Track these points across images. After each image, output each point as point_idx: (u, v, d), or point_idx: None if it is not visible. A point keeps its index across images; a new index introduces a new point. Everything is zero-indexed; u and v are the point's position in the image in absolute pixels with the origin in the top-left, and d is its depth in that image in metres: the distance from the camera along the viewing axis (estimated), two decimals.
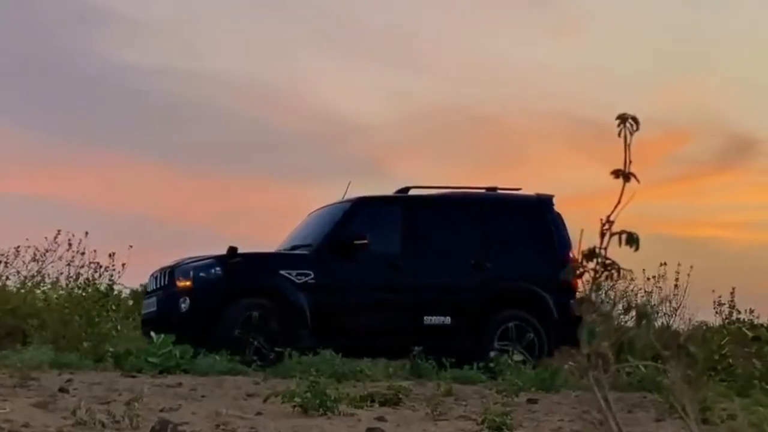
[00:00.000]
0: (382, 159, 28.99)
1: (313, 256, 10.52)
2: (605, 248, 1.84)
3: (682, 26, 25.20)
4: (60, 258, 12.97)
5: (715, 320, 13.78)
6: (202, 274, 10.31)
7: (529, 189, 11.51)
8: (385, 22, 25.34)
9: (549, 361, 9.06)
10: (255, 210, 27.72)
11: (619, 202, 1.85)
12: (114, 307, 11.97)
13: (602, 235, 1.82)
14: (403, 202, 11.03)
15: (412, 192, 11.22)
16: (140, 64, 25.39)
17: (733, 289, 13.92)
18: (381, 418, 6.14)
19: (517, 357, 9.26)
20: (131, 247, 12.88)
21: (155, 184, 26.45)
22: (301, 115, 27.11)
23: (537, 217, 11.13)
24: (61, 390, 6.93)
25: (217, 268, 10.33)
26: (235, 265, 10.34)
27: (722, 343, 10.08)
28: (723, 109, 26.52)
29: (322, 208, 11.56)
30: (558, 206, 11.21)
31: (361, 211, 10.91)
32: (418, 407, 6.90)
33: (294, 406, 6.23)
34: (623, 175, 1.86)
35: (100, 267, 12.54)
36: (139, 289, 16.46)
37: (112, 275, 12.43)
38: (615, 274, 1.84)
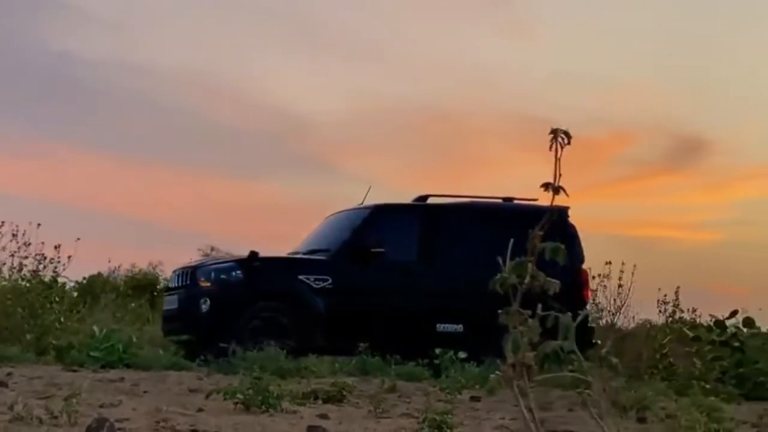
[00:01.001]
0: (333, 156, 28.95)
1: (331, 261, 10.72)
2: (533, 260, 1.85)
3: (631, 29, 25.47)
4: (3, 248, 12.77)
5: (659, 319, 13.97)
6: (223, 276, 10.52)
7: (483, 188, 11.66)
8: (339, 17, 25.31)
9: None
10: (204, 204, 27.54)
11: (551, 214, 1.87)
12: (58, 299, 11.84)
13: (531, 246, 1.84)
14: (421, 210, 11.18)
15: (430, 200, 11.36)
16: (87, 53, 25.11)
17: (678, 288, 14.13)
18: (323, 416, 6.14)
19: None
20: (78, 239, 12.72)
21: (101, 175, 26.16)
22: (252, 110, 26.98)
23: (552, 227, 11.21)
24: (1, 384, 6.84)
25: (238, 271, 10.58)
26: (256, 268, 10.56)
27: (664, 342, 10.22)
28: (670, 111, 26.87)
29: (340, 212, 11.73)
30: None
31: (379, 219, 11.11)
32: (361, 404, 6.91)
33: (236, 403, 6.20)
34: (553, 188, 1.88)
35: (45, 258, 12.38)
36: (84, 281, 16.32)
37: (56, 267, 12.27)
38: (542, 286, 1.86)
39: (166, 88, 27.67)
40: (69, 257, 12.39)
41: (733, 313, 10.14)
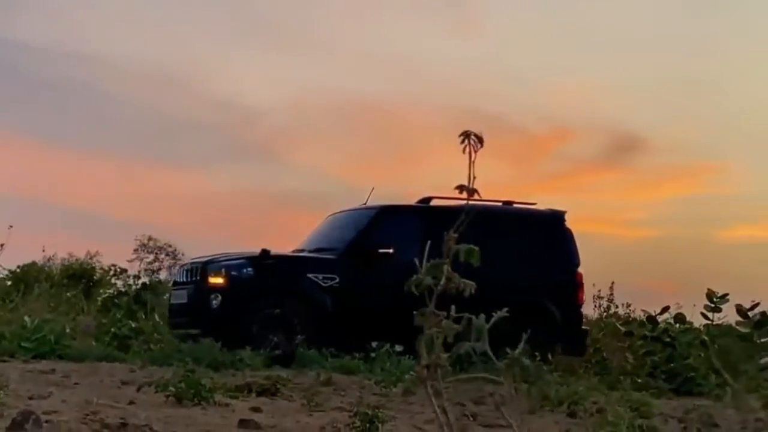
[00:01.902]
0: (278, 146, 28.83)
1: (339, 261, 10.94)
2: (448, 261, 1.86)
3: (572, 28, 25.71)
4: None
5: (594, 314, 14.17)
6: (234, 273, 10.65)
7: (422, 181, 11.87)
8: (285, 11, 25.18)
9: None
10: (145, 194, 27.24)
11: (466, 215, 1.89)
12: None
13: (446, 248, 1.85)
14: (424, 212, 11.32)
15: (433, 202, 11.55)
16: (29, 40, 24.66)
17: (612, 283, 14.34)
18: (256, 409, 6.12)
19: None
20: (11, 227, 12.52)
21: (38, 163, 25.74)
22: (197, 100, 26.76)
23: (550, 231, 11.59)
24: None
25: (249, 269, 10.70)
26: (267, 266, 10.70)
27: (598, 336, 10.35)
28: (608, 109, 27.21)
29: (344, 211, 11.94)
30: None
31: (384, 220, 11.34)
32: (295, 398, 6.89)
33: (168, 396, 6.15)
34: (467, 190, 1.89)
35: None
36: (17, 270, 16.04)
37: None
38: (459, 287, 1.87)
39: (110, 78, 27.34)
40: (2, 245, 12.20)
41: (665, 309, 10.32)
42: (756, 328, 8.91)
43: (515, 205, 11.86)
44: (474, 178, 1.85)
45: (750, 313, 8.99)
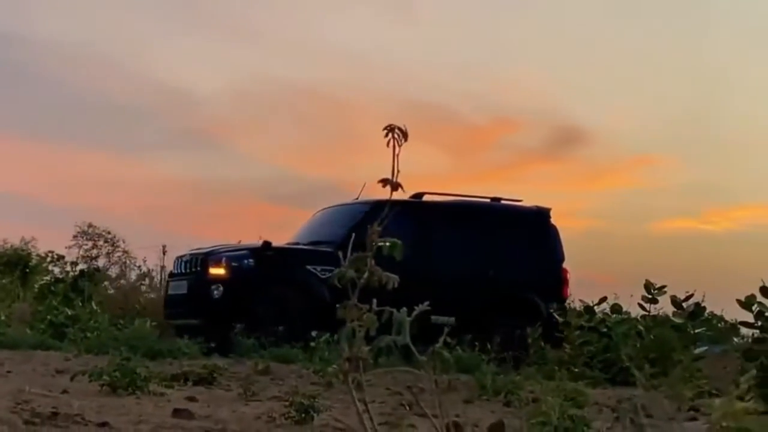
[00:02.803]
0: (217, 134, 28.62)
1: (334, 253, 10.87)
2: (371, 255, 1.86)
3: (515, 20, 25.86)
4: None
5: None
6: (235, 264, 10.84)
7: (362, 170, 11.97)
8: None
9: None
10: (82, 179, 26.88)
11: (389, 209, 1.88)
12: None
13: (369, 241, 1.85)
14: (418, 207, 11.66)
15: (425, 198, 11.93)
16: None
17: None
18: (192, 398, 6.07)
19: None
20: None
21: None
22: (134, 85, 26.43)
23: (536, 227, 11.96)
24: None
25: (251, 260, 10.87)
26: (267, 257, 10.87)
27: (537, 326, 10.43)
28: (550, 100, 27.43)
29: (335, 206, 12.23)
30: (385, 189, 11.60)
31: (379, 214, 11.23)
32: (232, 387, 6.86)
33: (102, 385, 6.09)
34: (391, 184, 1.89)
35: None
36: None
37: None
38: (380, 280, 1.87)
39: (45, 60, 26.89)
40: None
41: (602, 300, 10.45)
42: (690, 318, 9.05)
43: (503, 202, 12.19)
44: (398, 172, 1.84)
45: (684, 304, 9.12)
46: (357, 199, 12.06)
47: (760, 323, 7.03)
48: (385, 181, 1.86)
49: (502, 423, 4.85)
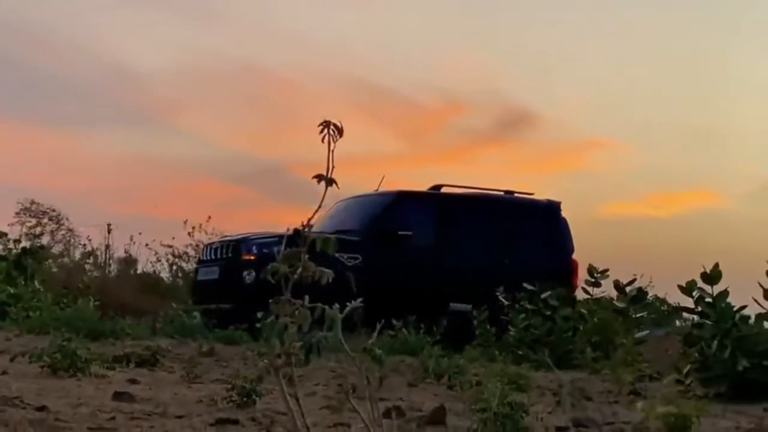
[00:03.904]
0: (163, 111, 28.34)
1: (361, 242, 11.64)
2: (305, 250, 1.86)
3: (466, 3, 25.89)
4: None
5: None
6: (265, 251, 11.13)
7: (308, 151, 12.16)
8: None
9: None
10: (27, 156, 26.47)
11: (320, 205, 1.88)
12: None
13: (304, 237, 1.85)
14: (437, 198, 12.33)
15: (444, 190, 12.51)
16: None
17: None
18: (134, 381, 6.03)
19: None
20: None
21: None
22: (80, 61, 26.04)
23: (547, 219, 12.49)
24: None
25: (281, 246, 11.02)
26: (297, 245, 10.94)
27: (483, 309, 10.48)
28: (500, 83, 27.54)
29: (355, 197, 12.78)
30: (344, 171, 12.02)
31: (401, 204, 12.16)
32: (175, 369, 6.82)
33: (42, 367, 6.02)
34: (326, 180, 1.88)
35: None
36: None
37: None
38: (313, 276, 1.87)
39: None
40: None
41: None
42: (632, 303, 9.15)
43: (516, 195, 12.77)
44: (333, 167, 1.84)
45: (627, 289, 9.23)
46: (377, 190, 12.71)
47: (700, 308, 7.13)
48: (319, 177, 1.85)
49: (443, 408, 4.87)
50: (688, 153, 27.22)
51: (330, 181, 1.89)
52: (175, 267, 17.02)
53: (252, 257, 11.21)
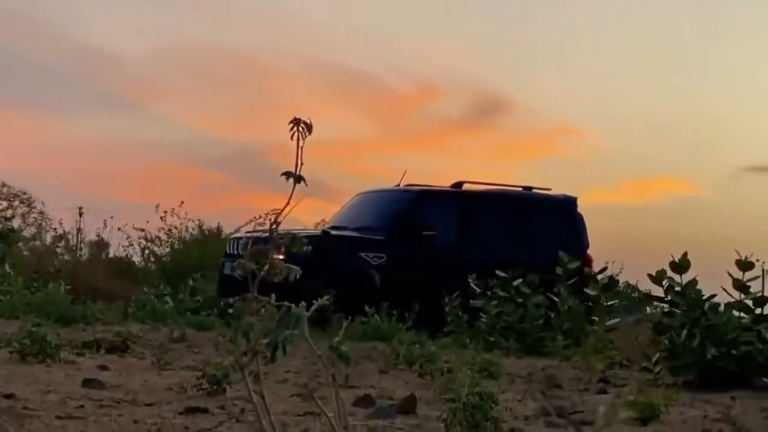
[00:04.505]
0: (135, 94, 28.16)
1: (385, 240, 11.96)
2: (273, 248, 1.85)
3: None
4: None
5: None
6: (293, 249, 11.10)
7: (280, 135, 11.93)
8: None
9: None
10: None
11: (288, 203, 1.87)
12: None
13: (271, 237, 1.84)
14: (459, 196, 12.64)
15: (465, 187, 12.80)
16: None
17: None
18: (104, 367, 6.01)
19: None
20: None
21: None
22: (54, 45, 25.82)
23: (563, 214, 12.82)
24: None
25: (309, 247, 11.24)
26: (325, 244, 11.49)
27: (454, 296, 10.49)
28: (474, 70, 27.56)
29: (377, 191, 13.10)
30: (317, 154, 12.12)
31: (424, 202, 12.47)
32: (146, 355, 6.80)
33: (11, 352, 5.99)
34: (294, 177, 1.87)
35: None
36: None
37: None
38: (280, 273, 1.86)
39: None
40: None
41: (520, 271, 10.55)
42: (603, 291, 9.21)
43: (534, 191, 13.07)
44: (301, 164, 1.83)
45: (598, 277, 9.28)
46: (399, 185, 12.91)
47: (669, 297, 7.18)
48: (287, 174, 1.84)
49: (413, 397, 4.88)
50: (661, 141, 27.36)
51: (299, 179, 1.88)
52: (147, 251, 16.92)
53: (280, 257, 11.32)
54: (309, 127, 1.80)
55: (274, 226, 1.85)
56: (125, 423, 4.01)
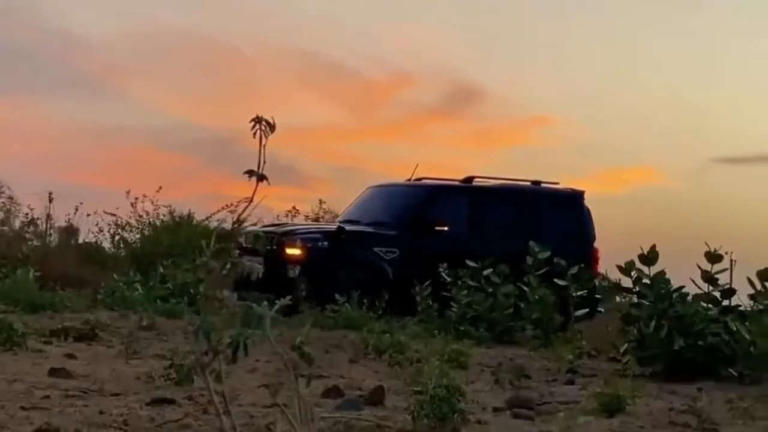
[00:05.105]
0: (107, 78, 27.94)
1: (398, 236, 12.20)
2: (233, 245, 1.84)
3: None
4: None
5: None
6: (309, 245, 11.83)
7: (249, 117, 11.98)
8: None
9: None
10: None
11: (251, 200, 1.86)
12: None
13: (237, 233, 1.83)
14: (470, 191, 12.86)
15: (476, 182, 13.04)
16: None
17: None
18: (71, 356, 5.97)
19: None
20: None
21: None
22: (22, 26, 25.54)
23: (571, 208, 13.07)
24: None
25: (325, 242, 11.91)
26: (340, 240, 11.88)
27: (424, 285, 10.52)
28: (449, 58, 27.55)
29: (390, 186, 13.44)
30: (291, 141, 12.24)
31: (436, 197, 12.75)
32: (114, 343, 6.76)
33: None
34: (257, 176, 1.86)
35: None
36: None
37: None
38: (244, 272, 1.86)
39: None
40: None
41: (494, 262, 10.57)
42: (573, 281, 9.26)
43: (542, 185, 13.31)
44: (264, 163, 1.82)
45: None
46: (410, 179, 13.19)
47: (638, 289, 7.23)
48: (250, 173, 1.83)
49: (382, 388, 4.89)
50: (633, 131, 27.44)
51: (261, 177, 1.87)
52: (117, 237, 16.79)
53: (297, 251, 11.79)
54: (271, 126, 1.79)
55: (238, 224, 1.83)
56: (91, 414, 3.99)
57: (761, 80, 26.63)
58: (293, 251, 11.83)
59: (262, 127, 1.78)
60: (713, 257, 6.93)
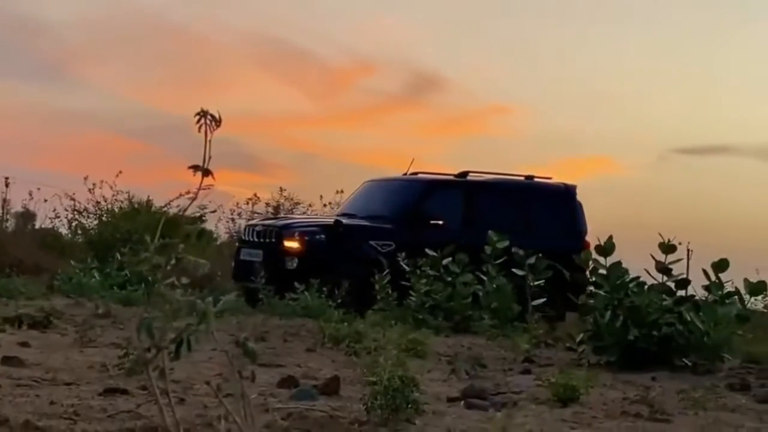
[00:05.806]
0: (66, 62, 27.63)
1: (394, 229, 12.35)
2: (179, 241, 1.83)
3: None
4: None
5: None
6: (307, 239, 12.01)
7: (214, 107, 11.89)
8: None
9: None
10: None
11: (196, 196, 1.85)
12: None
13: (185, 234, 1.81)
14: (465, 185, 13.07)
15: (470, 176, 13.23)
16: None
17: None
18: (25, 344, 5.91)
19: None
20: None
21: None
22: None
23: (563, 202, 13.26)
24: None
25: (323, 235, 12.11)
26: (337, 234, 12.04)
27: (385, 273, 10.53)
28: (410, 46, 27.55)
29: (386, 180, 13.56)
30: (251, 127, 12.24)
31: (431, 192, 12.87)
32: (69, 331, 6.70)
33: None
34: (202, 170, 1.85)
35: None
36: None
37: None
38: (189, 268, 1.84)
39: None
40: None
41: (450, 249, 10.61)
42: (532, 271, 9.32)
43: (535, 179, 13.48)
44: (210, 158, 1.80)
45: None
46: (406, 173, 13.37)
47: (594, 279, 7.29)
48: (195, 168, 1.81)
49: (337, 378, 4.89)
50: (592, 120, 27.59)
51: (206, 172, 1.85)
52: (75, 223, 16.62)
53: (295, 244, 11.96)
54: (217, 121, 1.77)
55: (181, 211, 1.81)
56: (41, 404, 3.95)
57: (718, 72, 26.90)
58: (291, 244, 12.01)
59: (207, 121, 1.76)
60: (667, 248, 7.01)
